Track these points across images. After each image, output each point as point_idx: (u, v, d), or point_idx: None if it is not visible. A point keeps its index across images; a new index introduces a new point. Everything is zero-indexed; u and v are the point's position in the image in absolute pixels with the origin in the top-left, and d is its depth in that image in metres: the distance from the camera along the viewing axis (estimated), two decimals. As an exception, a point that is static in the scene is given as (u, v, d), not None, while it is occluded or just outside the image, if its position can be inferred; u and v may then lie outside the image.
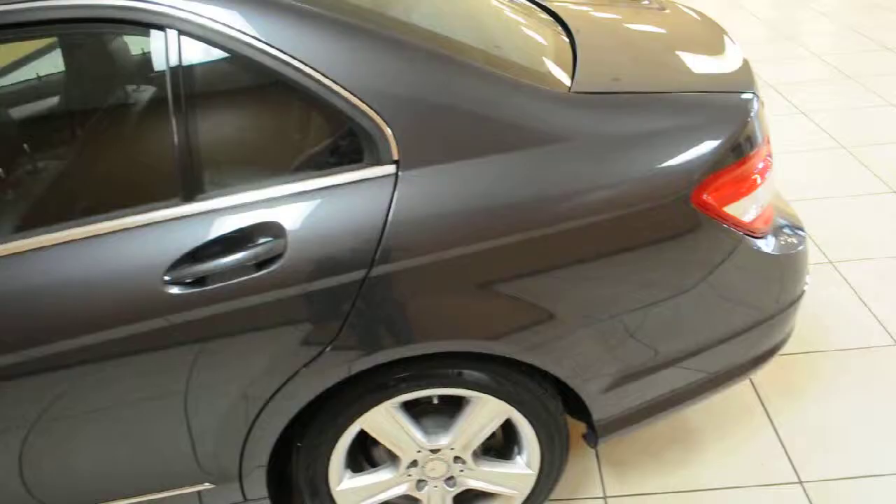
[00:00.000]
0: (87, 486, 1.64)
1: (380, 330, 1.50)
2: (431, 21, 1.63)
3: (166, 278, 1.42)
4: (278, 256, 1.43)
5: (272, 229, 1.43)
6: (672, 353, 1.73)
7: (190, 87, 1.43)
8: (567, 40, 1.90)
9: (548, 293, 1.54)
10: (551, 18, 2.10)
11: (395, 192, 1.44)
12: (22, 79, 1.78)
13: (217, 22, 1.40)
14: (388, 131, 1.43)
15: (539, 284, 1.53)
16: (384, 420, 1.67)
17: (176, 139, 1.42)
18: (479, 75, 1.50)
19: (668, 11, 2.25)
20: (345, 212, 1.43)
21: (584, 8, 2.26)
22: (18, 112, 1.65)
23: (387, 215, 1.43)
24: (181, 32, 1.40)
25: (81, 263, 1.43)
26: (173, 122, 1.42)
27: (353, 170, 1.45)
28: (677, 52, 1.86)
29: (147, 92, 1.56)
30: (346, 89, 1.42)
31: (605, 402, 1.73)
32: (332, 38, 1.43)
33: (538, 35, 1.88)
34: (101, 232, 1.43)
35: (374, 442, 1.86)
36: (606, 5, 2.32)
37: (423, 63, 1.47)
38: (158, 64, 1.43)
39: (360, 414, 1.63)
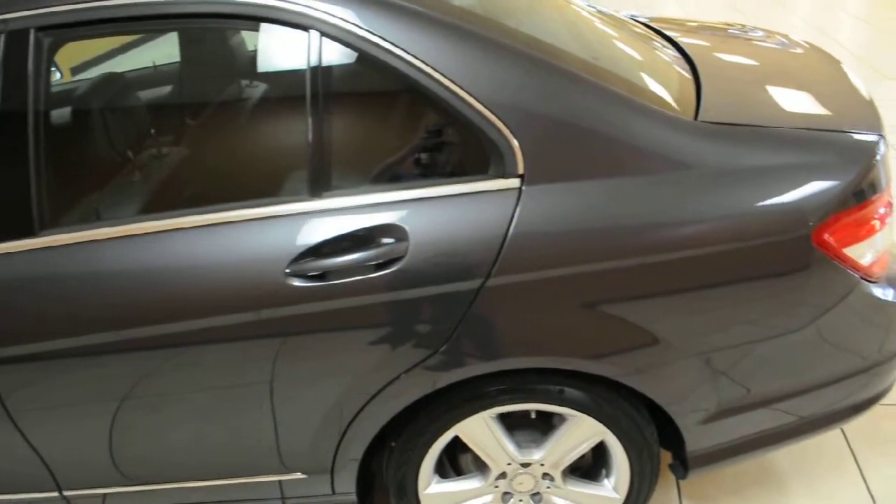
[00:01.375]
0: (179, 464, 1.70)
1: (487, 340, 1.52)
2: (562, 40, 1.65)
3: (287, 270, 1.47)
4: (399, 259, 1.46)
5: (395, 231, 1.46)
6: (771, 392, 1.69)
7: (325, 87, 1.47)
8: (690, 70, 1.89)
9: (655, 319, 1.53)
10: (675, 49, 2.09)
11: (518, 206, 1.45)
12: (147, 66, 1.87)
13: (355, 25, 1.44)
14: (516, 144, 1.45)
15: (647, 309, 1.52)
16: (480, 429, 1.68)
17: (309, 136, 1.46)
18: (610, 96, 1.50)
19: (795, 49, 2.21)
20: (467, 221, 1.46)
21: (706, 41, 2.25)
22: (161, 101, 1.74)
23: (508, 228, 1.45)
24: (322, 34, 1.45)
25: (210, 248, 1.48)
26: (308, 119, 1.46)
27: (478, 180, 1.47)
28: (803, 88, 1.83)
29: (283, 89, 1.61)
30: (477, 100, 1.44)
31: (701, 434, 1.71)
32: (467, 48, 1.46)
33: (664, 64, 1.88)
34: (231, 220, 1.48)
35: (463, 449, 1.87)
36: (730, 38, 2.30)
37: (555, 80, 1.48)
38: (297, 62, 1.48)
39: (457, 420, 1.65)
